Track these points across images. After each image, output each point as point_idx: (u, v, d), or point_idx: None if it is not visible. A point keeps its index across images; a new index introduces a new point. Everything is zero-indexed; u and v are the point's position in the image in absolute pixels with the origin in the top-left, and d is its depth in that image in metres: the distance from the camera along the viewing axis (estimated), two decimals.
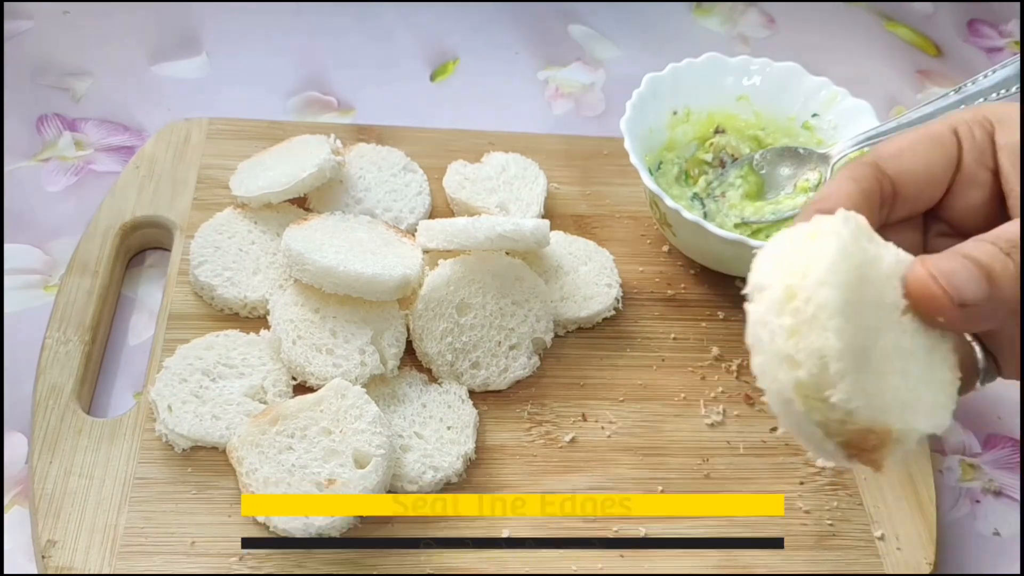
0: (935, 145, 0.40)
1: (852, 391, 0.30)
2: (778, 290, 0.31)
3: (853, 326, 0.30)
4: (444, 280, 0.57)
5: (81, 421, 0.53)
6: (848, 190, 0.39)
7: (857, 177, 0.40)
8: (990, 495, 0.58)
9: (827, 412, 0.31)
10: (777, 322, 0.31)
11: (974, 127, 0.40)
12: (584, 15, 0.86)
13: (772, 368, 0.31)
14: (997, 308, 0.34)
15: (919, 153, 0.40)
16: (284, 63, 0.78)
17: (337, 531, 0.49)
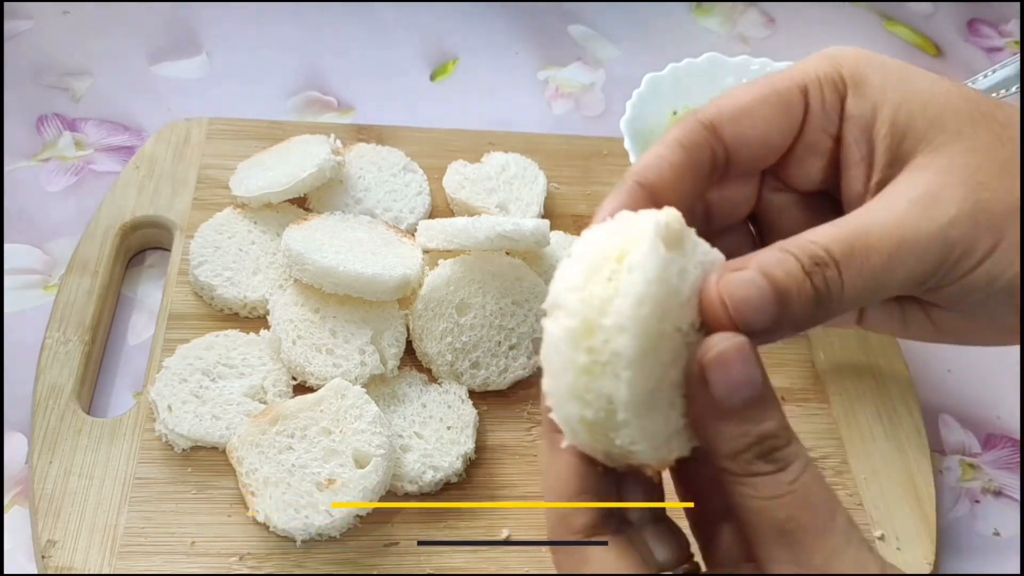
0: (780, 108, 0.36)
1: (634, 436, 0.29)
2: (576, 320, 0.29)
3: (645, 374, 0.29)
4: (444, 280, 0.57)
5: (81, 421, 0.53)
6: (674, 159, 0.34)
7: (687, 144, 0.35)
8: (990, 495, 0.58)
9: (610, 446, 0.30)
10: (571, 355, 0.29)
11: (825, 87, 0.36)
12: (584, 15, 0.86)
13: (562, 398, 0.30)
14: (785, 330, 0.31)
15: (761, 118, 0.36)
16: (284, 63, 0.78)
17: (337, 531, 0.49)
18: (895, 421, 0.59)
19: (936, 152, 0.34)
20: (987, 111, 0.35)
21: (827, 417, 0.59)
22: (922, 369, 0.63)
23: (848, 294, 0.32)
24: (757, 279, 0.30)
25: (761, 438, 0.29)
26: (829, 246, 0.32)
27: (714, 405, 0.29)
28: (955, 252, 0.33)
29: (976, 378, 0.64)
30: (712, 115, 0.35)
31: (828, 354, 0.62)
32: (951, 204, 0.33)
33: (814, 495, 0.29)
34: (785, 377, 0.60)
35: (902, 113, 0.35)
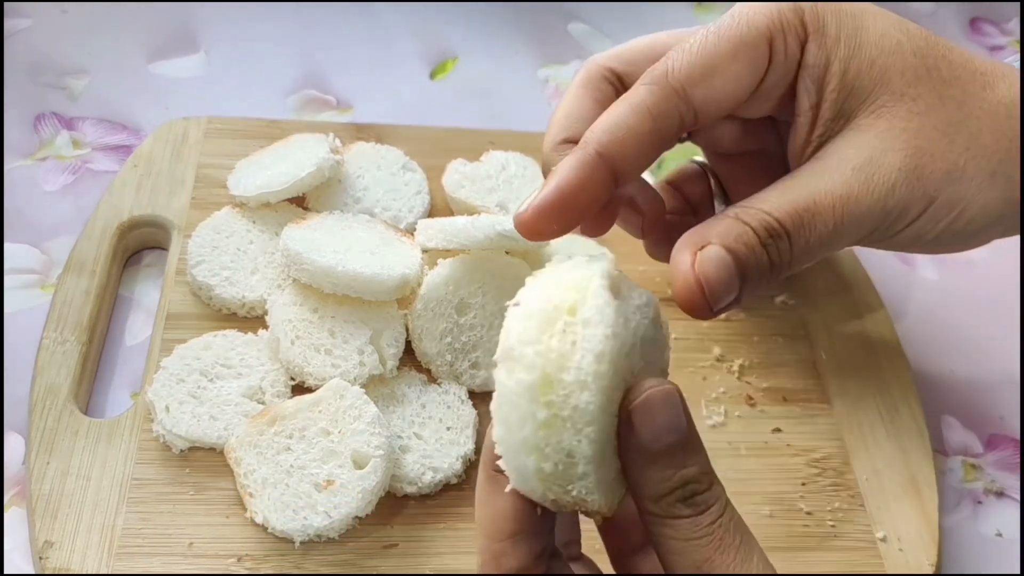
0: (749, 64, 0.35)
1: (591, 487, 0.30)
2: (534, 375, 0.29)
3: (603, 427, 0.29)
4: (443, 280, 0.56)
5: (78, 422, 0.52)
6: (641, 129, 0.33)
7: (657, 113, 0.33)
8: (992, 496, 0.58)
9: (563, 495, 0.30)
10: (529, 409, 0.29)
11: (788, 35, 0.35)
12: (584, 13, 0.85)
13: (517, 449, 0.30)
14: (740, 301, 0.33)
15: (731, 76, 0.35)
16: (282, 61, 0.77)
17: (336, 532, 0.49)
18: (897, 422, 0.58)
19: (878, 114, 0.35)
20: (933, 66, 0.36)
21: (829, 418, 0.58)
22: (924, 370, 0.63)
23: (795, 261, 0.34)
24: (724, 257, 0.32)
25: (683, 482, 0.30)
26: (782, 218, 0.33)
27: (639, 449, 0.30)
28: (891, 216, 0.35)
29: (978, 379, 0.63)
30: (683, 78, 0.34)
31: (830, 354, 0.61)
32: (890, 172, 0.34)
33: (730, 538, 0.30)
34: (786, 377, 0.60)
35: (851, 69, 0.35)
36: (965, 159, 0.35)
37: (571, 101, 0.37)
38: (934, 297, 0.68)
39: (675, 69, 0.34)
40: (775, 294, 0.64)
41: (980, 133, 0.36)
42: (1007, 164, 0.36)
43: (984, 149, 0.36)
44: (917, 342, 0.65)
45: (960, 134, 0.35)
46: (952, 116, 0.35)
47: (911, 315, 0.67)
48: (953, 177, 0.35)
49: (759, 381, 0.60)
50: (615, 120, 0.33)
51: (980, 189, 0.36)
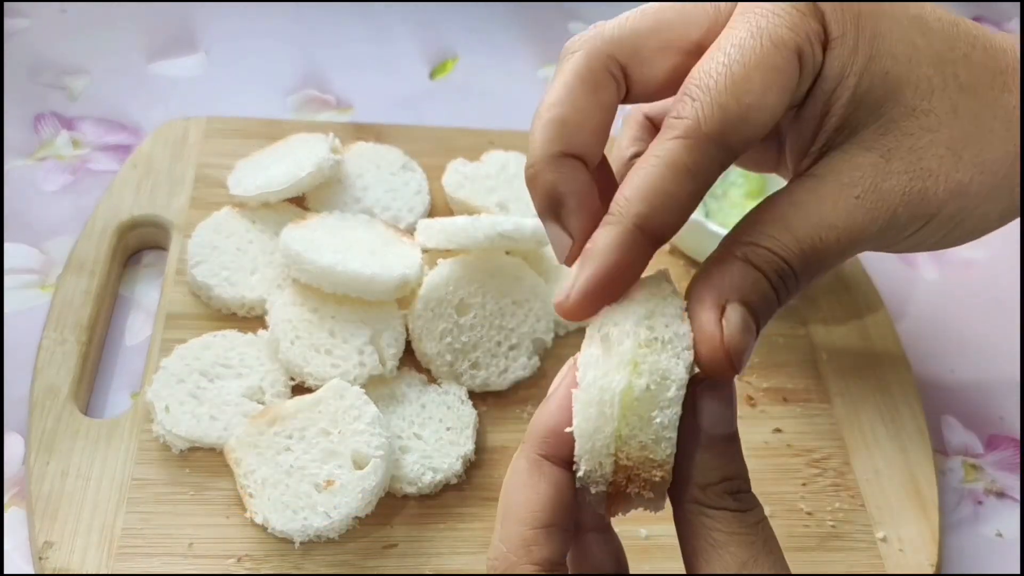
0: (783, 90, 0.31)
1: (673, 420, 0.30)
2: (641, 308, 0.31)
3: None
4: (443, 280, 0.56)
5: (78, 422, 0.52)
6: (687, 192, 0.31)
7: (696, 171, 0.31)
8: (992, 496, 0.58)
9: (636, 430, 0.30)
10: (634, 328, 0.30)
11: (815, 46, 0.32)
12: (584, 13, 0.85)
13: (608, 366, 0.30)
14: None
15: (766, 110, 0.31)
16: (282, 61, 0.77)
17: (335, 533, 0.49)
18: (897, 422, 0.58)
19: (885, 129, 0.33)
20: (951, 74, 0.34)
21: (829, 418, 0.58)
22: (925, 370, 0.63)
23: (797, 293, 0.33)
24: (747, 319, 0.31)
25: (731, 475, 0.31)
26: (790, 259, 0.32)
27: (697, 433, 0.31)
28: (889, 235, 0.34)
29: (979, 379, 0.63)
30: (719, 127, 0.30)
31: (830, 354, 0.61)
32: (893, 199, 0.33)
33: (773, 543, 0.31)
34: (787, 377, 0.60)
35: (864, 81, 0.33)
36: (971, 176, 0.34)
37: (566, 101, 0.32)
38: (934, 297, 0.68)
39: (707, 117, 0.30)
40: None
41: (991, 147, 0.34)
42: (1011, 176, 0.35)
43: (991, 164, 0.34)
44: (917, 342, 0.65)
45: (968, 150, 0.34)
46: (964, 130, 0.34)
47: (911, 315, 0.67)
48: (956, 195, 0.34)
49: (759, 381, 0.59)
50: (651, 185, 0.30)
51: (981, 204, 0.35)
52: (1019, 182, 0.35)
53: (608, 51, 0.33)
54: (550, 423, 0.32)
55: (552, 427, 0.31)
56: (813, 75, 0.32)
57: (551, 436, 0.31)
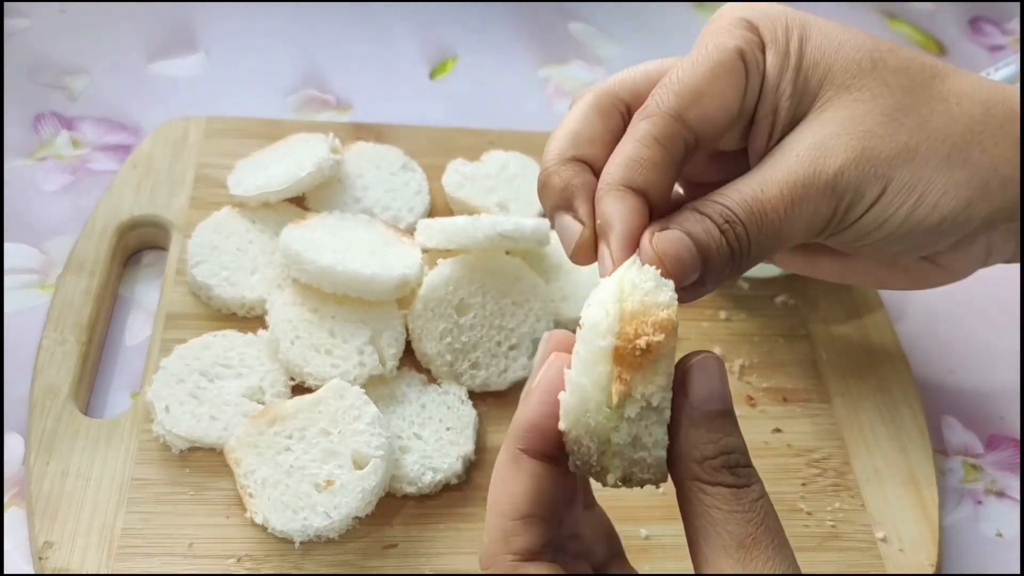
0: (729, 81, 0.36)
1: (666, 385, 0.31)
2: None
3: None
4: (443, 280, 0.56)
5: (78, 422, 0.52)
6: (656, 158, 0.35)
7: (664, 139, 0.35)
8: (992, 496, 0.58)
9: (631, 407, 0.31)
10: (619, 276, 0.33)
11: (755, 48, 0.37)
12: (584, 13, 0.85)
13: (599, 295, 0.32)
14: (708, 284, 0.34)
15: (716, 95, 0.36)
16: (282, 61, 0.77)
17: (335, 533, 0.49)
18: (897, 422, 0.58)
19: (823, 108, 0.37)
20: (878, 59, 0.37)
21: (829, 417, 0.58)
22: (924, 370, 0.63)
23: (755, 248, 0.35)
24: (684, 238, 0.33)
25: (728, 449, 0.32)
26: (733, 207, 0.35)
27: (689, 410, 0.31)
28: (845, 200, 0.36)
29: (979, 379, 0.63)
30: (675, 105, 0.35)
31: (830, 354, 0.61)
32: (837, 154, 0.35)
33: (773, 520, 0.31)
34: (787, 377, 0.60)
35: (800, 75, 0.37)
36: (916, 140, 0.36)
37: (578, 120, 0.38)
38: (934, 297, 0.68)
39: (665, 101, 0.36)
40: (775, 294, 0.64)
41: (931, 116, 0.36)
42: (964, 149, 0.36)
43: (936, 132, 0.36)
44: (917, 342, 0.65)
45: (908, 117, 0.36)
46: (900, 101, 0.36)
47: (911, 315, 0.67)
48: (905, 158, 0.36)
49: (759, 381, 0.59)
50: (629, 156, 0.35)
51: (937, 170, 0.36)
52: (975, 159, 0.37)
53: (614, 91, 0.38)
54: (530, 418, 0.33)
55: (532, 422, 0.33)
56: (759, 74, 0.37)
57: (531, 431, 0.33)
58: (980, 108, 0.37)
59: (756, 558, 0.30)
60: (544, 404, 0.33)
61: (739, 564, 0.30)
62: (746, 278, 0.64)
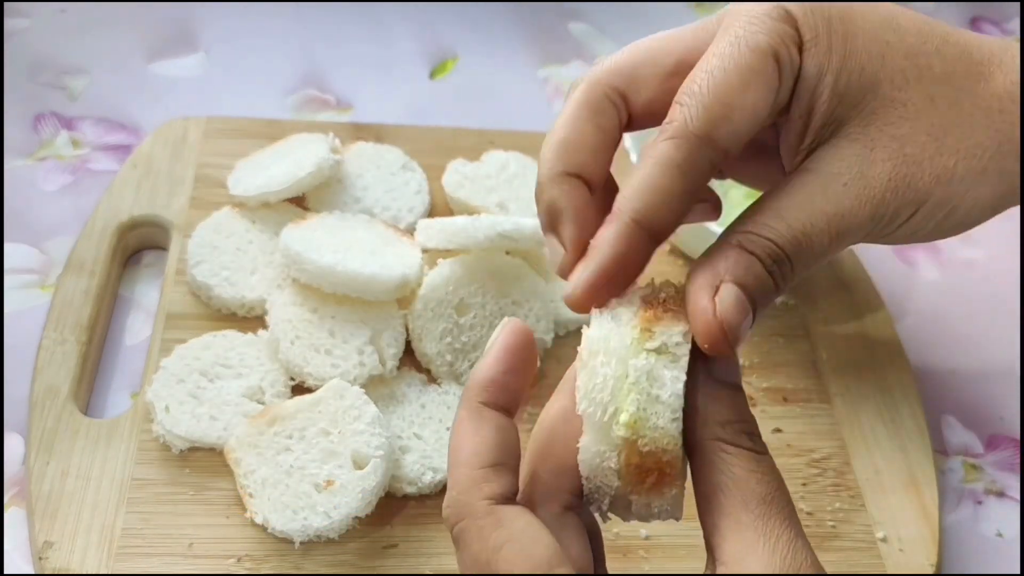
0: (763, 90, 0.34)
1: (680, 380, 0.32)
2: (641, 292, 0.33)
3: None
4: (443, 280, 0.56)
5: (78, 422, 0.52)
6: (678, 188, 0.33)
7: (687, 167, 0.33)
8: (992, 496, 0.58)
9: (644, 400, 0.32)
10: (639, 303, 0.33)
11: (791, 48, 0.34)
12: (584, 13, 0.85)
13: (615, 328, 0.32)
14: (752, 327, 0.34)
15: (748, 108, 0.33)
16: (282, 61, 0.77)
17: (335, 533, 0.49)
18: (897, 422, 0.58)
19: (868, 121, 0.35)
20: (925, 65, 0.36)
21: (829, 417, 0.58)
22: (925, 370, 0.63)
23: (794, 279, 0.34)
24: (740, 295, 0.32)
25: (746, 418, 0.33)
26: (783, 244, 0.34)
27: (709, 381, 0.33)
28: (881, 223, 0.35)
29: (979, 379, 0.63)
30: (704, 125, 0.33)
31: (830, 354, 0.61)
32: (879, 184, 0.35)
33: (785, 487, 0.32)
34: (787, 377, 0.60)
35: (842, 78, 0.35)
36: (955, 160, 0.35)
37: (569, 125, 0.35)
38: (934, 297, 0.68)
39: (693, 117, 0.33)
40: None
41: (972, 132, 0.36)
42: (998, 159, 0.36)
43: (975, 148, 0.36)
44: (917, 342, 0.65)
45: (950, 135, 0.35)
46: (943, 117, 0.36)
47: (911, 315, 0.67)
48: (943, 180, 0.35)
49: (759, 381, 0.59)
50: (645, 184, 0.33)
51: (970, 187, 0.36)
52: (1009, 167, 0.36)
53: (607, 80, 0.36)
54: (488, 373, 0.33)
55: (491, 376, 0.33)
56: (793, 76, 0.35)
57: (490, 385, 0.33)
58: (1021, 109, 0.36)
59: (775, 516, 0.31)
60: (502, 359, 0.33)
61: (759, 520, 0.31)
62: None
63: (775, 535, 0.31)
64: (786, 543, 0.31)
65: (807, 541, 0.31)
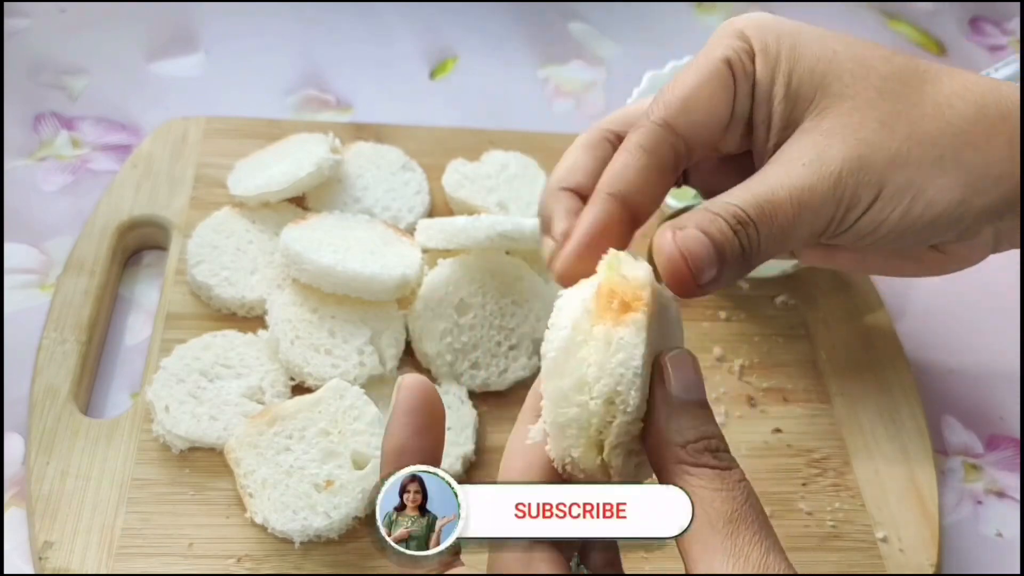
0: (718, 88, 0.38)
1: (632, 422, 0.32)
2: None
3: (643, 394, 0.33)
4: (443, 280, 0.56)
5: (78, 422, 0.52)
6: (640, 165, 0.37)
7: (650, 147, 0.37)
8: (992, 496, 0.58)
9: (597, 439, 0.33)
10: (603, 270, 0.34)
11: (743, 56, 0.39)
12: (584, 13, 0.85)
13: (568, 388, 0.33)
14: (722, 282, 0.36)
15: (705, 101, 0.38)
16: (282, 61, 0.77)
17: (335, 533, 0.49)
18: (897, 422, 0.58)
19: (821, 115, 0.38)
20: (871, 66, 0.39)
21: (829, 418, 0.58)
22: (924, 370, 0.63)
23: (764, 249, 0.37)
24: (701, 236, 0.35)
25: (708, 435, 0.33)
26: (747, 208, 0.36)
27: (669, 399, 0.33)
28: (843, 205, 0.37)
29: (979, 379, 0.63)
30: (664, 113, 0.37)
31: (830, 354, 0.61)
32: (835, 163, 0.37)
33: (755, 501, 0.32)
34: (786, 377, 0.60)
35: (793, 80, 0.38)
36: (908, 146, 0.38)
37: (571, 158, 0.40)
38: (934, 297, 0.68)
39: (655, 111, 0.38)
40: (775, 294, 0.64)
41: (922, 121, 0.38)
42: (957, 150, 0.38)
43: (927, 136, 0.38)
44: (917, 342, 0.65)
45: (900, 123, 0.38)
46: (892, 108, 0.38)
47: (911, 315, 0.67)
48: (898, 164, 0.37)
49: (759, 381, 0.59)
50: (616, 163, 0.37)
51: (929, 175, 0.38)
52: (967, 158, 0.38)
53: (605, 126, 0.40)
54: (396, 443, 0.33)
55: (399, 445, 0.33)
56: (748, 81, 0.39)
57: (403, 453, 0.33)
58: (973, 108, 0.38)
59: (743, 533, 0.31)
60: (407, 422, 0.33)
61: (727, 539, 0.31)
62: (746, 278, 0.64)
63: (743, 554, 0.31)
64: (756, 559, 0.31)
65: (780, 550, 0.32)
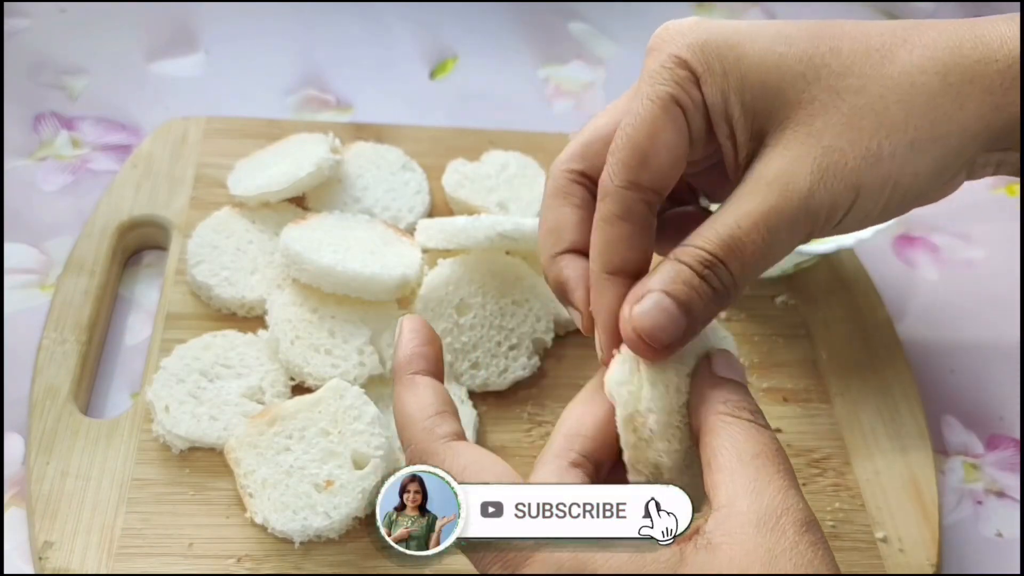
0: (670, 131, 0.37)
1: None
2: (625, 410, 0.36)
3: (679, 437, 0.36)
4: (443, 280, 0.56)
5: (78, 422, 0.52)
6: (626, 233, 0.37)
7: (625, 214, 0.37)
8: (992, 496, 0.58)
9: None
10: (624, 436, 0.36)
11: (686, 87, 0.38)
12: (584, 13, 0.85)
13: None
14: (696, 330, 0.36)
15: (661, 150, 0.37)
16: (282, 61, 0.77)
17: (335, 533, 0.49)
18: (897, 422, 0.58)
19: (782, 128, 0.37)
20: (821, 64, 0.37)
21: (829, 418, 0.58)
22: (925, 370, 0.63)
23: (739, 281, 0.36)
24: (664, 302, 0.35)
25: (748, 405, 0.35)
26: (712, 249, 0.36)
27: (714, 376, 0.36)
28: (821, 217, 0.36)
29: (979, 379, 0.63)
30: (627, 176, 0.37)
31: (830, 354, 0.61)
32: (803, 178, 0.36)
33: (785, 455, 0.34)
34: (787, 377, 0.60)
35: (746, 94, 0.37)
36: (877, 141, 0.36)
37: (550, 214, 0.40)
38: (934, 297, 0.68)
39: (614, 174, 0.37)
40: (775, 294, 0.64)
41: (887, 111, 0.37)
42: (927, 129, 0.37)
43: (895, 124, 0.37)
44: (917, 342, 0.65)
45: (866, 119, 0.36)
46: (853, 105, 0.37)
47: (911, 315, 0.67)
48: (871, 161, 0.36)
49: (759, 381, 0.59)
50: (599, 240, 0.37)
51: (904, 161, 0.37)
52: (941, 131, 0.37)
53: (565, 167, 0.40)
54: (407, 350, 0.38)
55: (411, 351, 0.37)
56: (700, 110, 0.37)
57: (413, 358, 0.37)
58: (937, 80, 0.37)
59: (768, 466, 0.32)
60: (414, 337, 0.38)
61: (752, 468, 0.32)
62: None
63: (766, 480, 0.32)
64: (777, 488, 0.32)
65: (801, 495, 0.33)
